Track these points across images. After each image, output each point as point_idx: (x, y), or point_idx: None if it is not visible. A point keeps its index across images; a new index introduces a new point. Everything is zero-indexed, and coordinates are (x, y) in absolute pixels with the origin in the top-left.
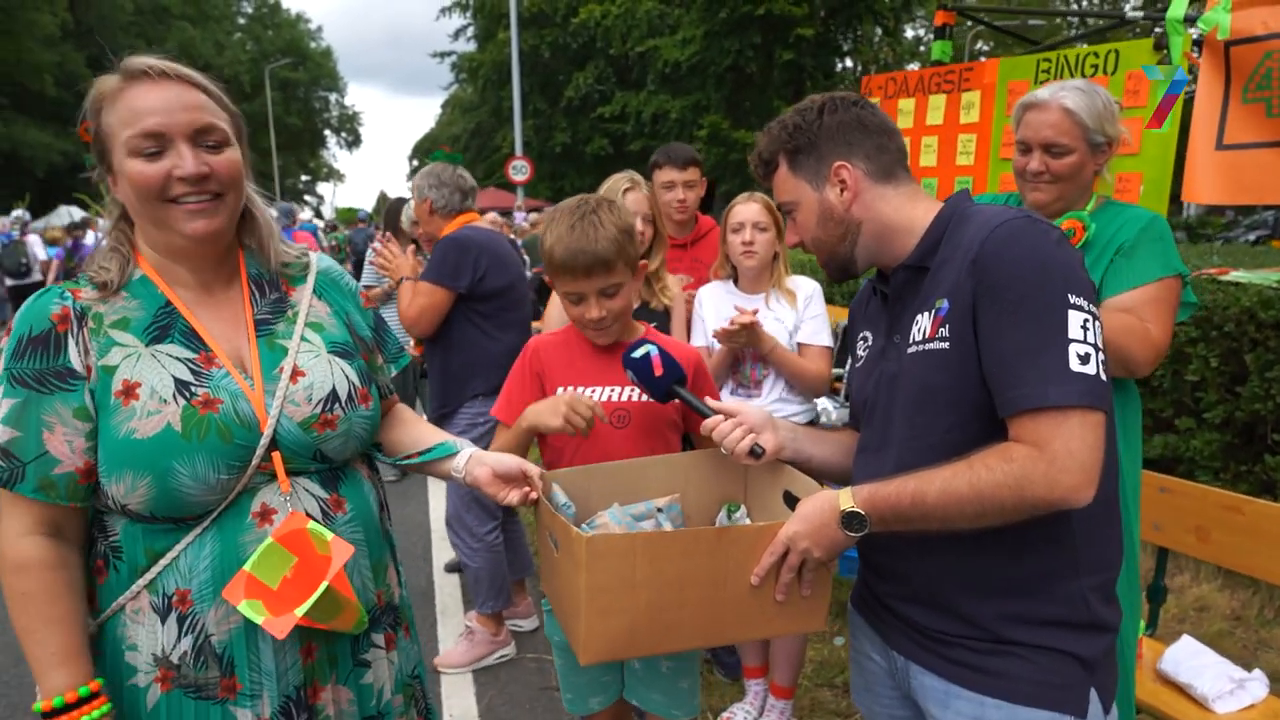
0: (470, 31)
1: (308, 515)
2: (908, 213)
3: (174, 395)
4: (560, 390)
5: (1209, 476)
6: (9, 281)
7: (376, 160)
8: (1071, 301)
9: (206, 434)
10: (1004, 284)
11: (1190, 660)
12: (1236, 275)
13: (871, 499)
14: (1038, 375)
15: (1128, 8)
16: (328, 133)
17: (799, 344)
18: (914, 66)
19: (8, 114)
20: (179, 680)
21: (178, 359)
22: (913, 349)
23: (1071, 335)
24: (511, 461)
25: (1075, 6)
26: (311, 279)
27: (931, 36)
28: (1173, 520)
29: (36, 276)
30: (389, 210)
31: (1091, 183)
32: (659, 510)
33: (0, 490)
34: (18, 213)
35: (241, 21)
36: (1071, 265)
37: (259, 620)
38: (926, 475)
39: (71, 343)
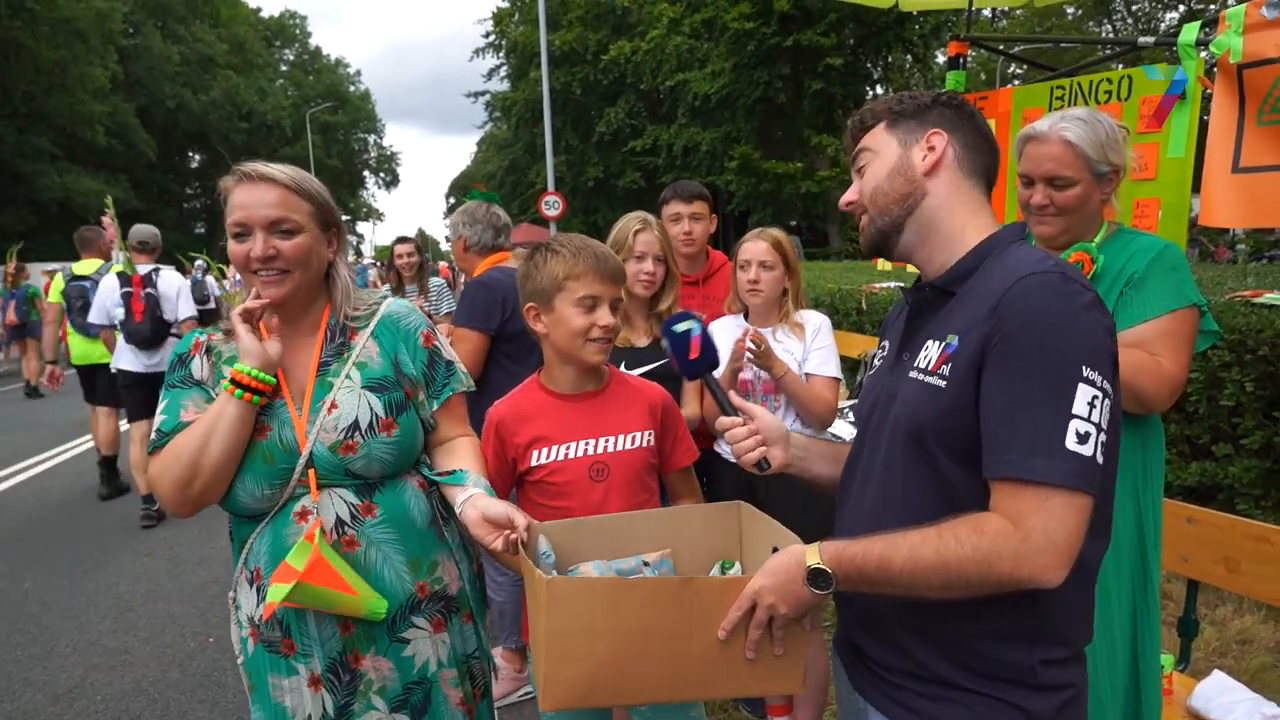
0: (503, 71)
1: (322, 522)
2: (963, 220)
3: None
4: (537, 454)
5: (1249, 505)
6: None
7: (414, 198)
8: (1084, 375)
9: (253, 457)
10: (1017, 339)
11: (1221, 696)
12: (1270, 298)
13: (838, 558)
14: (1028, 444)
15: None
16: (366, 173)
17: (807, 374)
18: None
19: (61, 164)
20: (261, 636)
21: None
22: (914, 374)
23: (1075, 410)
24: (500, 508)
25: (1100, 34)
26: (373, 324)
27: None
28: (1201, 551)
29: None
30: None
31: (1100, 212)
32: (645, 565)
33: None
34: (199, 261)
35: (283, 68)
36: (1095, 334)
37: (274, 599)
38: (895, 539)
39: (196, 360)
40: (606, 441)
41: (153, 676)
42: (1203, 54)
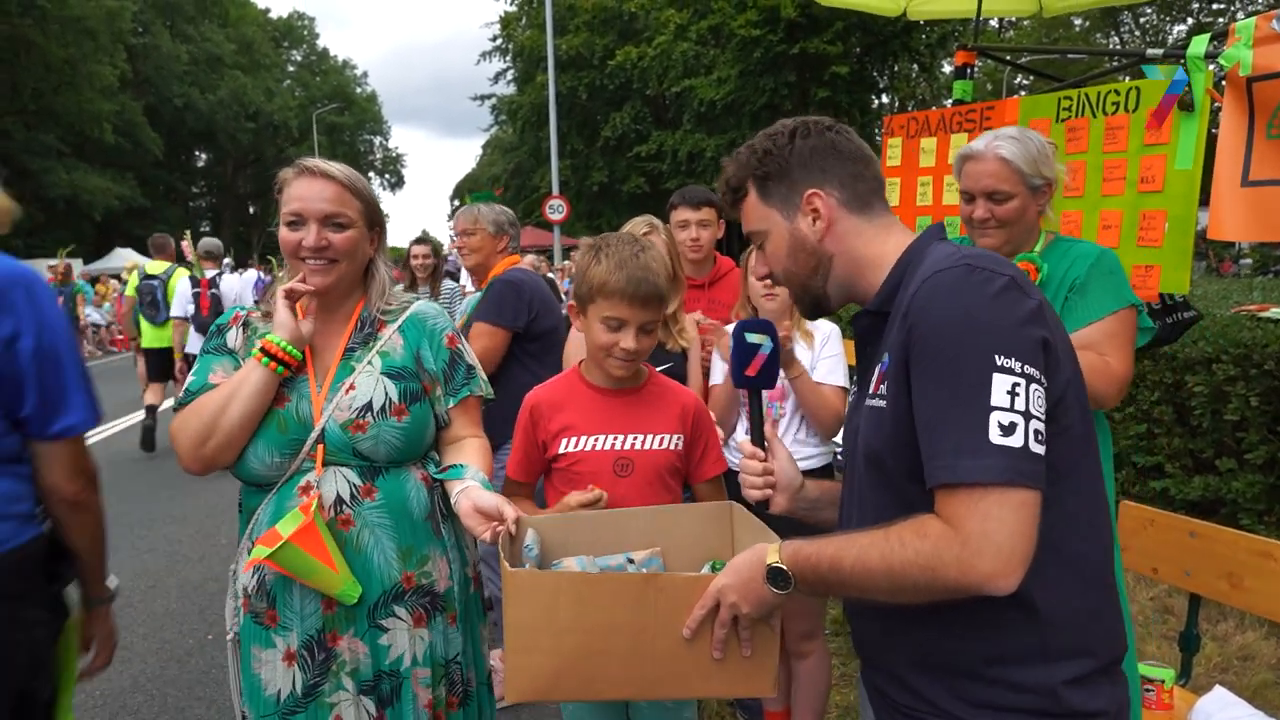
0: (510, 75)
1: (322, 498)
2: (879, 248)
3: None
4: (565, 442)
5: (1252, 520)
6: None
7: (419, 200)
8: (998, 364)
9: (269, 424)
10: (928, 341)
11: (1222, 712)
12: (1276, 312)
13: (795, 556)
14: (954, 446)
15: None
16: (372, 174)
17: (815, 383)
18: (949, 103)
19: (69, 161)
20: (250, 608)
21: None
22: (867, 401)
23: (994, 402)
24: (491, 500)
25: (1107, 46)
26: (400, 320)
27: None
28: (1203, 566)
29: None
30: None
31: (1037, 223)
32: (631, 562)
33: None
34: (227, 260)
35: (290, 69)
36: (1007, 322)
37: (257, 556)
38: (849, 539)
39: (232, 331)
40: (635, 439)
41: (151, 672)
42: (1211, 67)
